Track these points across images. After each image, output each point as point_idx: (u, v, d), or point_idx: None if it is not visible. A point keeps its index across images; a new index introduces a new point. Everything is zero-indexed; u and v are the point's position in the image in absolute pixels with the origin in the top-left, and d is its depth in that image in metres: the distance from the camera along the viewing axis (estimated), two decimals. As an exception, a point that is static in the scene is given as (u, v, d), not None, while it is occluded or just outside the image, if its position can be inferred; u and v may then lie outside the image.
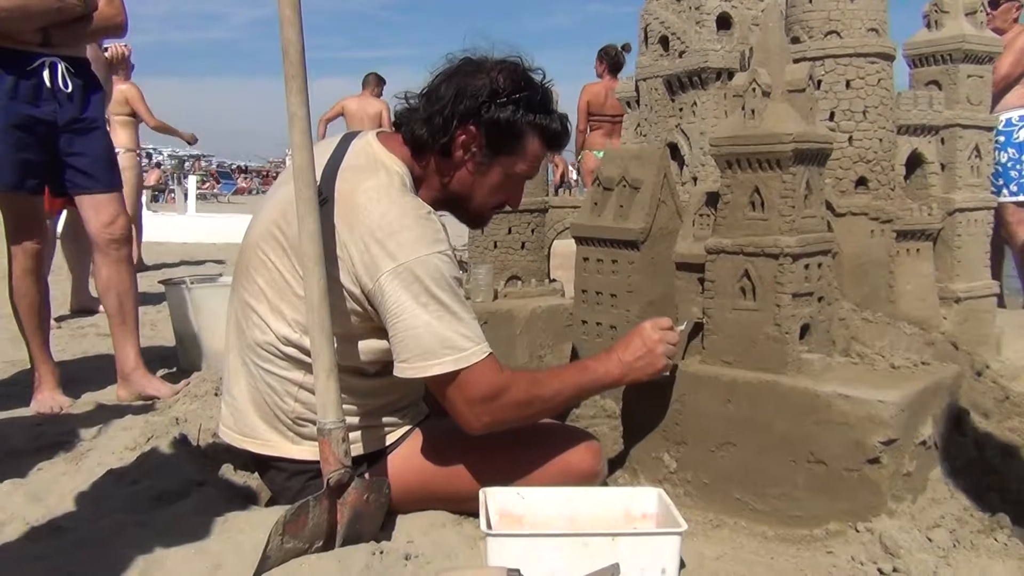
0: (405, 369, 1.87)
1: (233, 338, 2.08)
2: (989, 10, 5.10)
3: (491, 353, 1.90)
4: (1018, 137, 5.37)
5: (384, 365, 1.97)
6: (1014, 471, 2.28)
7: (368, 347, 1.97)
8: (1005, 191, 5.40)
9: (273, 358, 1.97)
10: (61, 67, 3.23)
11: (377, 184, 1.92)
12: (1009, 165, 5.38)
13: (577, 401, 2.44)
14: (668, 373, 2.22)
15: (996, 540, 2.00)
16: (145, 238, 9.08)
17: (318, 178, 1.92)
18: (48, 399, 3.30)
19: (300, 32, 1.86)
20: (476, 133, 2.00)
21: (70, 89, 3.25)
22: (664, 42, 3.14)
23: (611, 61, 7.42)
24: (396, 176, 1.98)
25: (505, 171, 2.07)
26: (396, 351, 1.88)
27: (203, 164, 41.40)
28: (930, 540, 1.97)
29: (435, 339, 1.83)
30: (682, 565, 1.84)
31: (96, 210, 3.34)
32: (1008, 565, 1.91)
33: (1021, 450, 2.37)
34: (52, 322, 3.79)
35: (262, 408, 2.02)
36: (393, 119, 2.11)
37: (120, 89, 7.33)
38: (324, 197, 1.92)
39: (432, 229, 1.88)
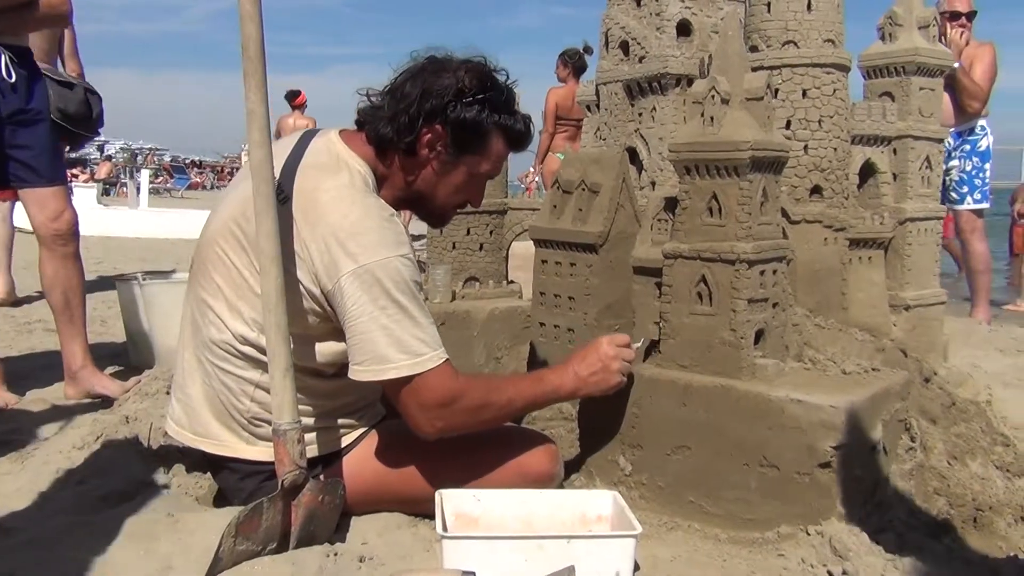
0: (360, 372, 1.86)
1: (188, 335, 2.05)
2: (966, 21, 5.23)
3: (447, 359, 1.90)
4: (980, 146, 5.49)
5: (342, 367, 1.95)
6: (959, 476, 2.33)
7: (326, 348, 1.95)
8: (969, 199, 5.52)
9: (230, 356, 1.94)
10: (4, 57, 3.14)
11: (340, 183, 1.91)
12: (973, 173, 5.50)
13: (530, 411, 2.44)
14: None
15: (941, 543, 2.05)
16: (95, 232, 8.91)
17: (278, 175, 1.91)
18: (-8, 396, 3.22)
19: (260, 27, 1.84)
20: (442, 132, 1.99)
21: (13, 79, 3.16)
22: (624, 47, 3.16)
23: (576, 65, 7.45)
24: (359, 176, 1.97)
25: (469, 170, 2.07)
26: (352, 353, 1.86)
27: (156, 158, 40.72)
28: (878, 543, 2.00)
29: (392, 343, 1.82)
30: (636, 567, 1.85)
31: (40, 204, 3.25)
32: (954, 567, 1.95)
33: (966, 456, 2.43)
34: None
35: (217, 407, 1.99)
36: (355, 117, 2.09)
37: (303, 124, 9.25)
38: (285, 195, 1.90)
39: (394, 232, 1.87)
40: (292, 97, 10.26)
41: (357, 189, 1.92)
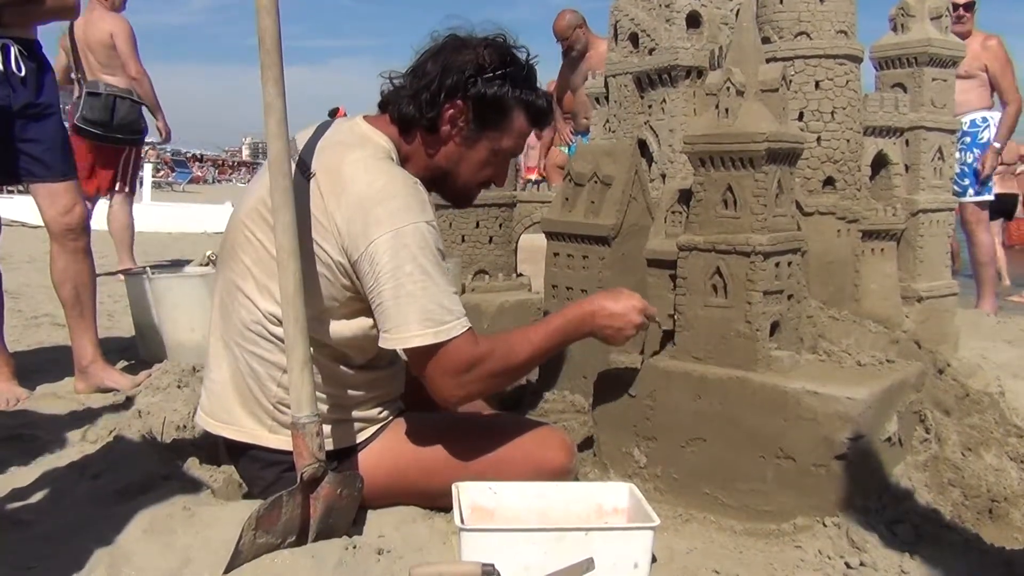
0: (387, 340, 1.85)
1: (217, 321, 2.05)
2: (963, 12, 5.22)
3: (470, 327, 1.90)
4: (982, 138, 5.49)
5: (370, 356, 1.95)
6: (974, 467, 2.33)
7: (354, 328, 1.95)
8: (970, 191, 5.52)
9: (259, 339, 1.94)
10: (14, 50, 3.14)
11: (363, 155, 1.92)
12: (975, 165, 5.50)
13: (547, 359, 2.39)
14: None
15: (958, 535, 2.05)
16: (99, 226, 8.95)
17: (305, 154, 1.93)
18: (3, 390, 3.22)
19: (277, 20, 1.83)
20: (463, 107, 1.99)
21: (23, 73, 3.16)
22: (634, 39, 3.15)
23: None
24: (382, 149, 1.98)
25: (492, 147, 2.07)
26: (379, 321, 1.86)
27: (157, 151, 40.67)
28: (894, 535, 2.01)
29: (417, 310, 1.82)
30: (653, 559, 1.85)
31: (51, 199, 3.25)
32: (970, 559, 1.95)
33: (980, 447, 2.42)
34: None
35: (243, 393, 1.99)
36: (379, 99, 2.10)
37: None
38: (311, 172, 1.91)
39: (418, 199, 1.88)
40: (332, 115, 11.45)
41: (381, 159, 1.94)
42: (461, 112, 2.00)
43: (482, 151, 2.06)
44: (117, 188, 6.16)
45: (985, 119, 5.54)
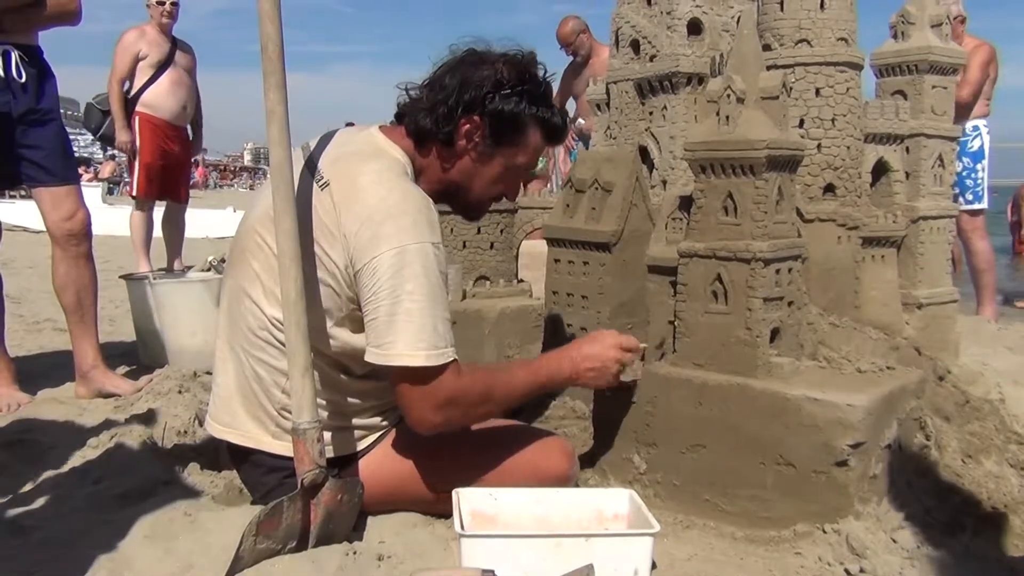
0: (374, 354, 1.84)
1: (224, 325, 2.05)
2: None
3: (456, 359, 1.89)
4: (972, 147, 5.50)
5: (372, 368, 1.95)
6: (974, 474, 2.33)
7: (360, 340, 1.94)
8: (961, 200, 5.53)
9: (266, 345, 1.95)
10: (14, 56, 3.15)
11: (379, 168, 1.92)
12: (964, 174, 5.50)
13: (525, 401, 2.38)
14: (628, 386, 2.25)
15: (959, 541, 2.05)
16: (101, 231, 8.97)
17: (320, 163, 1.94)
18: (4, 395, 3.22)
19: (279, 27, 1.84)
20: (480, 123, 2.00)
21: (24, 79, 3.17)
22: (635, 46, 3.16)
23: None
24: (398, 163, 1.99)
25: (506, 162, 2.07)
26: (369, 334, 1.85)
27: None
28: (895, 541, 2.01)
29: (411, 330, 1.81)
30: (653, 566, 1.85)
31: (53, 204, 3.26)
32: (970, 566, 1.95)
33: (981, 454, 2.42)
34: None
35: (248, 398, 1.99)
36: (395, 110, 2.10)
37: None
38: (325, 181, 1.91)
39: (429, 219, 1.87)
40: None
41: (396, 174, 1.94)
42: (477, 128, 2.00)
43: (496, 167, 2.07)
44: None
45: (976, 127, 5.54)
